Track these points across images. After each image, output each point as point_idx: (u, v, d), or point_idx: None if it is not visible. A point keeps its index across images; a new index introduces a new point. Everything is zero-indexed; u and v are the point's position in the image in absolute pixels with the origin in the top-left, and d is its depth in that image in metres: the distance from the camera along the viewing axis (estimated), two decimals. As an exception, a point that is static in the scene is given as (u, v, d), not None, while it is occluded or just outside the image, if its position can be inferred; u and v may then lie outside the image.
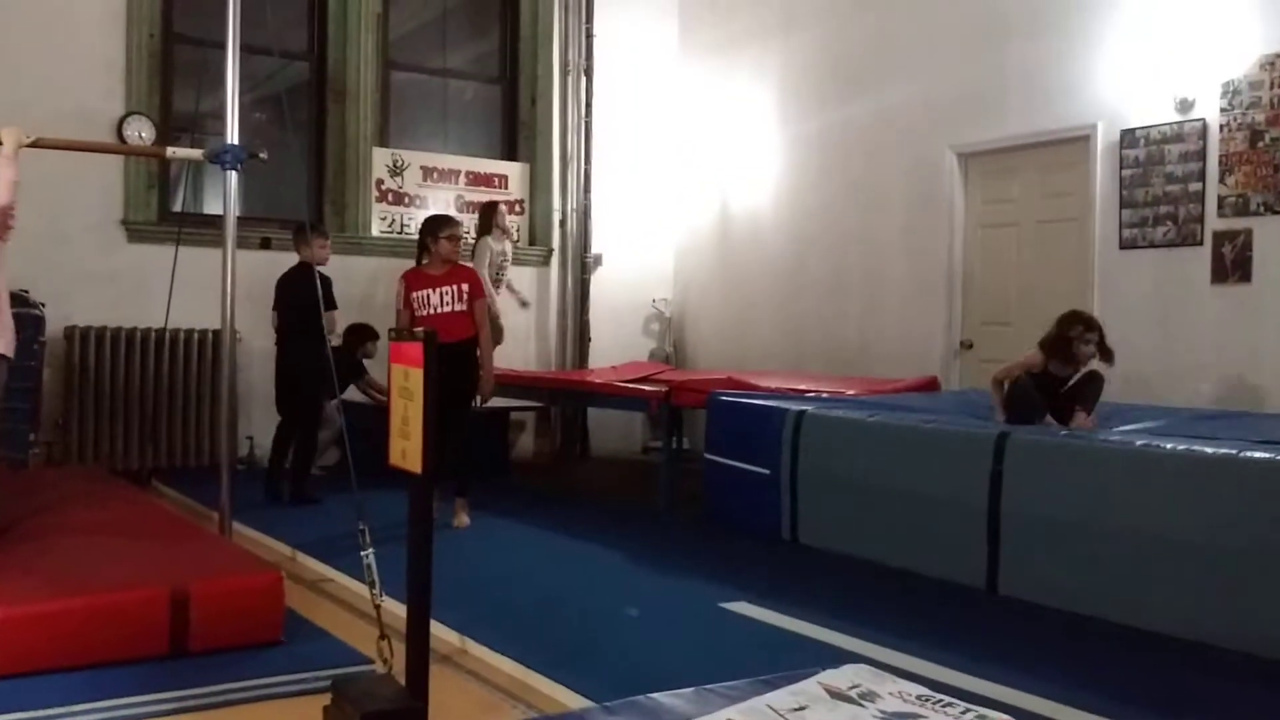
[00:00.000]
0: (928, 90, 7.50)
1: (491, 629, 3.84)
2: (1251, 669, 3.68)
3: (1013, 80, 6.97)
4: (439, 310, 5.81)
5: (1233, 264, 5.91)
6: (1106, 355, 5.33)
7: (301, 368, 6.40)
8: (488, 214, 8.18)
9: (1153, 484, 4.15)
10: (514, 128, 9.44)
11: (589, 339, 9.42)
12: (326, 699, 2.92)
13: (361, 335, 7.70)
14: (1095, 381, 5.33)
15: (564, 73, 9.41)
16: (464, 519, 5.92)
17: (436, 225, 5.96)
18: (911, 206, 7.66)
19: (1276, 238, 5.74)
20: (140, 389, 7.46)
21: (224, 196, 4.97)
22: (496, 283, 8.08)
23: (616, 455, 9.25)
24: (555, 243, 9.36)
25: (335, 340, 6.47)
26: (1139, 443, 4.32)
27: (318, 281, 5.31)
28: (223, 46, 4.90)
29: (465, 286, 5.83)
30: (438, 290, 5.84)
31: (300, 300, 6.17)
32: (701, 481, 6.43)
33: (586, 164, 9.41)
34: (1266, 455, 3.89)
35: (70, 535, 4.23)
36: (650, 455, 8.99)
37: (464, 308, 5.80)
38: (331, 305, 6.31)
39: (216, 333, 6.89)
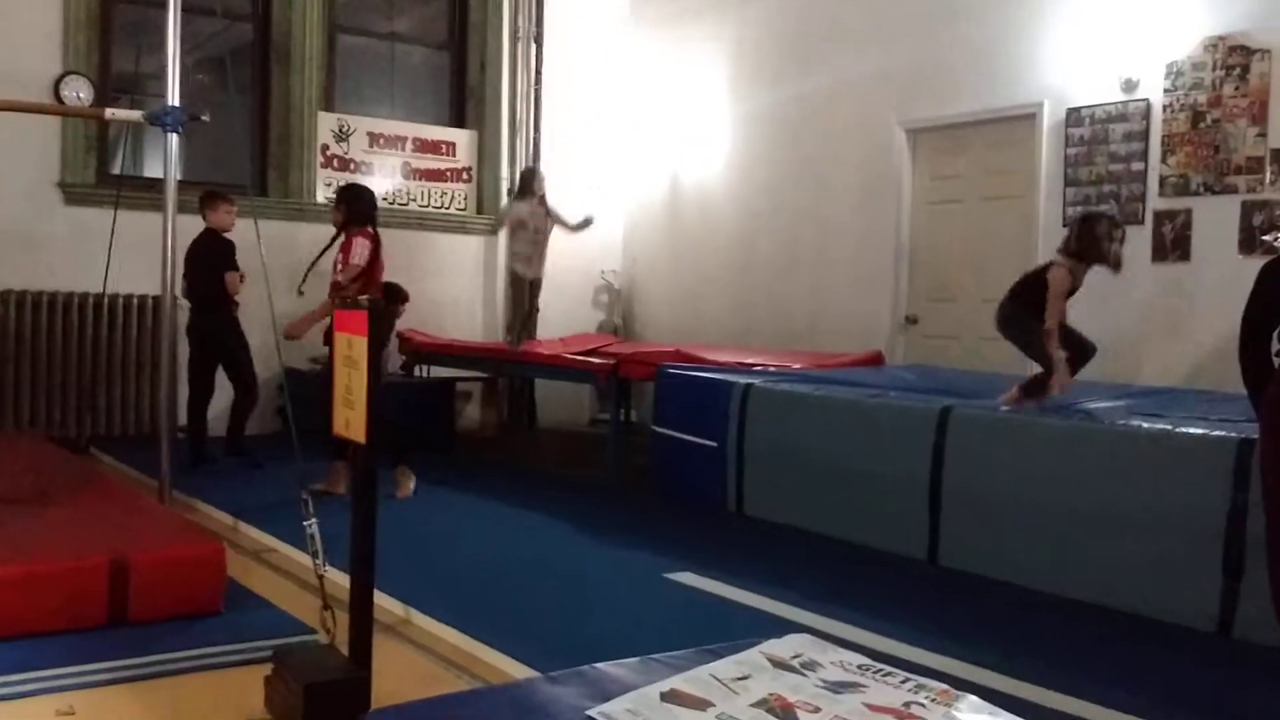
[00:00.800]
0: (879, 66, 7.51)
1: (436, 599, 3.83)
2: (1183, 640, 3.77)
3: (962, 58, 7.01)
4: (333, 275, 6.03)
5: (1172, 243, 6.01)
6: (1119, 263, 4.99)
7: (216, 332, 6.61)
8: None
9: (1089, 459, 4.22)
10: (462, 94, 9.34)
11: (537, 310, 9.36)
12: (268, 669, 2.90)
13: (389, 296, 7.75)
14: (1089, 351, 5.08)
15: (514, 39, 9.30)
16: (408, 488, 5.89)
17: None
18: (861, 182, 7.70)
19: (1215, 218, 5.84)
20: (78, 355, 7.33)
21: (165, 159, 4.88)
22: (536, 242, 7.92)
23: (564, 427, 9.24)
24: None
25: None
26: (1077, 419, 4.40)
27: (255, 246, 5.29)
28: (163, 6, 4.79)
29: (340, 255, 5.93)
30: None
31: (208, 267, 6.52)
32: (648, 454, 6.45)
33: (536, 132, 9.34)
34: (1200, 431, 3.98)
35: (7, 503, 4.15)
36: (598, 427, 8.99)
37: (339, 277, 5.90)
38: (233, 268, 6.58)
39: (156, 298, 6.78)
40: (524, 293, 7.84)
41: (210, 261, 6.54)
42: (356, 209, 5.96)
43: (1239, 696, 3.27)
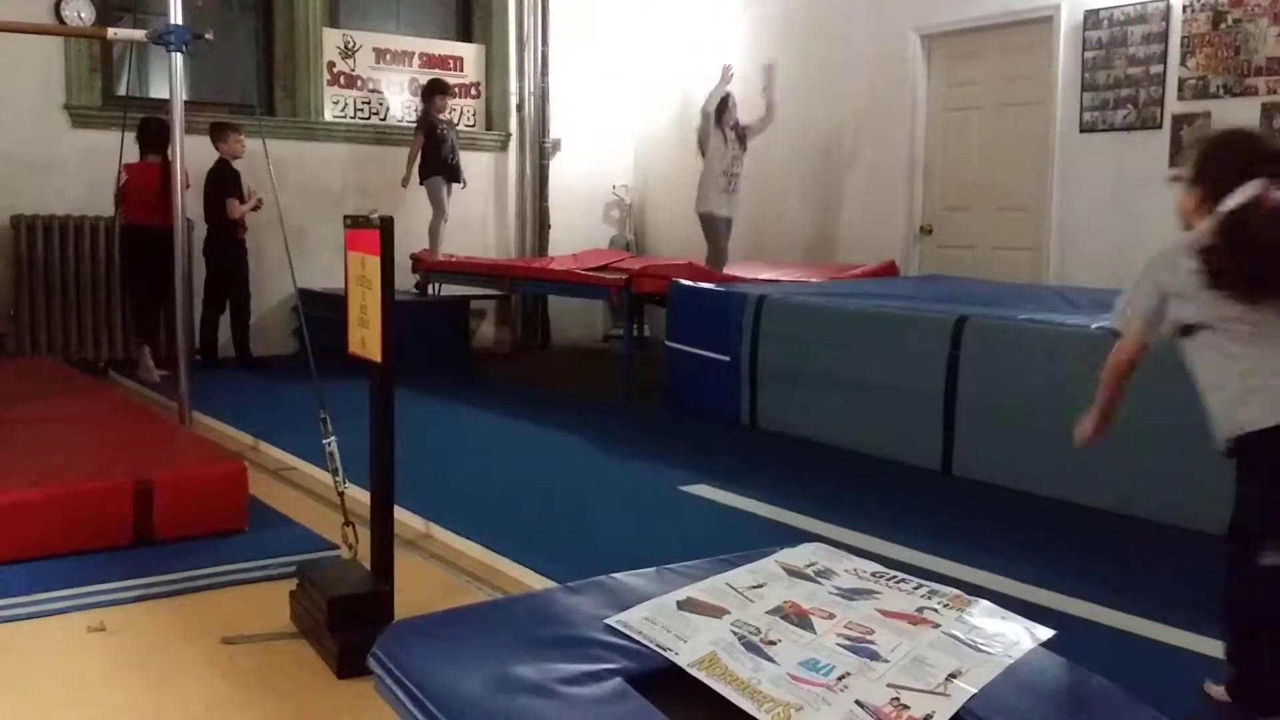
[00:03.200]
0: (891, -31, 7.36)
1: (455, 514, 3.89)
2: (1197, 544, 3.80)
3: (977, -41, 6.85)
4: None
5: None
6: None
7: (218, 250, 7.28)
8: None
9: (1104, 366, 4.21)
10: (469, 8, 9.18)
11: (548, 226, 9.33)
12: (293, 584, 2.96)
13: (430, 89, 8.13)
14: None
15: (519, -51, 9.13)
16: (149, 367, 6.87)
17: None
18: (874, 90, 7.58)
19: (1234, 121, 5.73)
20: (92, 279, 7.34)
21: (170, 80, 4.83)
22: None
23: (578, 343, 9.26)
24: (513, 127, 9.20)
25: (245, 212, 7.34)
26: (1093, 326, 4.38)
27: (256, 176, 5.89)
28: (162, -80, 4.70)
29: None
30: None
31: (213, 194, 7.19)
32: (662, 369, 6.47)
33: (544, 46, 9.20)
34: (1216, 337, 3.95)
35: (31, 427, 4.20)
36: (611, 343, 9.01)
37: None
38: (233, 193, 7.21)
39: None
40: (719, 232, 7.34)
41: (215, 188, 7.17)
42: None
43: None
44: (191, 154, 7.18)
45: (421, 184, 8.08)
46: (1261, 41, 5.60)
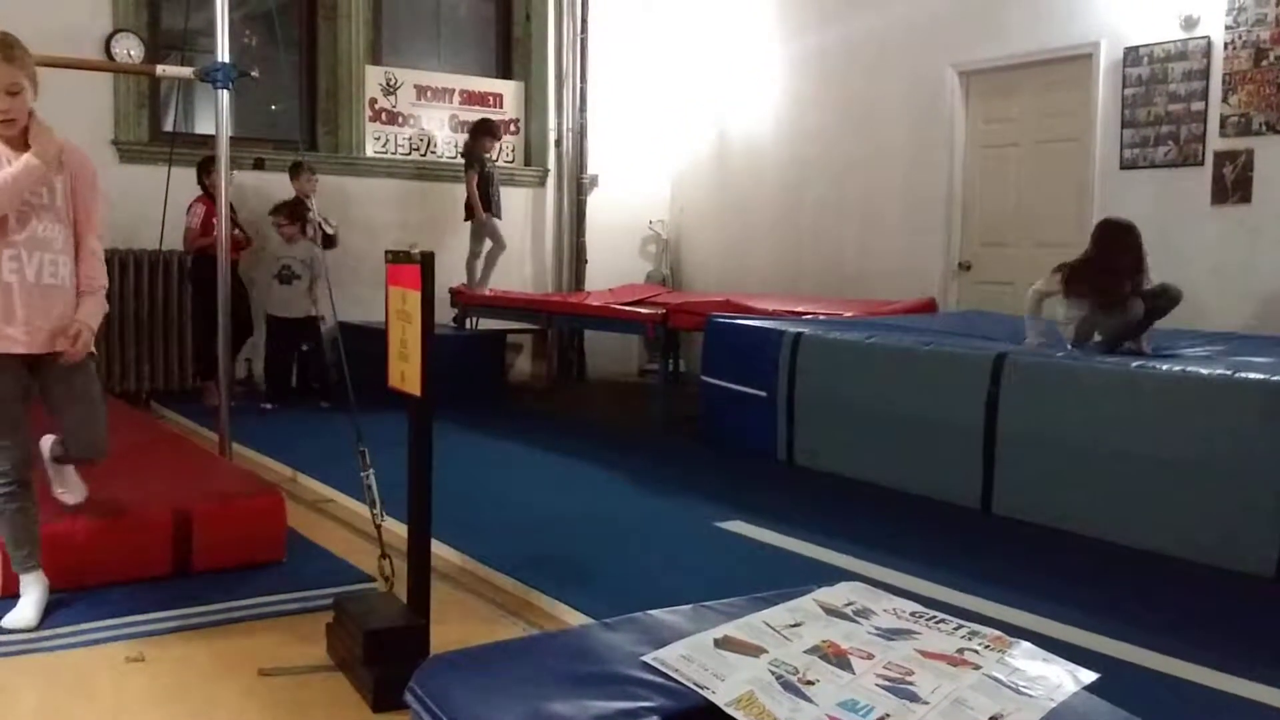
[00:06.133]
0: (930, 6, 7.37)
1: (491, 548, 3.89)
2: (1239, 586, 3.74)
3: (1016, -4, 6.86)
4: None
5: (1233, 184, 5.87)
6: None
7: None
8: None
9: (1146, 405, 4.17)
10: (508, 45, 9.30)
11: (585, 261, 9.38)
12: (329, 616, 2.97)
13: (480, 129, 8.24)
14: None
15: (559, -12, 9.24)
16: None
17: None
18: (912, 126, 7.58)
19: (1277, 158, 5.69)
20: (135, 311, 7.44)
21: (216, 116, 4.91)
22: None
23: (613, 378, 9.27)
24: (551, 163, 9.28)
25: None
26: (1134, 364, 4.33)
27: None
28: (211, -39, 4.80)
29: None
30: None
31: None
32: (698, 404, 6.46)
33: (582, 83, 9.28)
34: (1261, 377, 3.91)
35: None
36: (647, 378, 9.01)
37: None
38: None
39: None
40: None
41: None
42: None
43: (1298, 643, 3.24)
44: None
45: (467, 220, 8.19)
46: (1305, 78, 5.55)
